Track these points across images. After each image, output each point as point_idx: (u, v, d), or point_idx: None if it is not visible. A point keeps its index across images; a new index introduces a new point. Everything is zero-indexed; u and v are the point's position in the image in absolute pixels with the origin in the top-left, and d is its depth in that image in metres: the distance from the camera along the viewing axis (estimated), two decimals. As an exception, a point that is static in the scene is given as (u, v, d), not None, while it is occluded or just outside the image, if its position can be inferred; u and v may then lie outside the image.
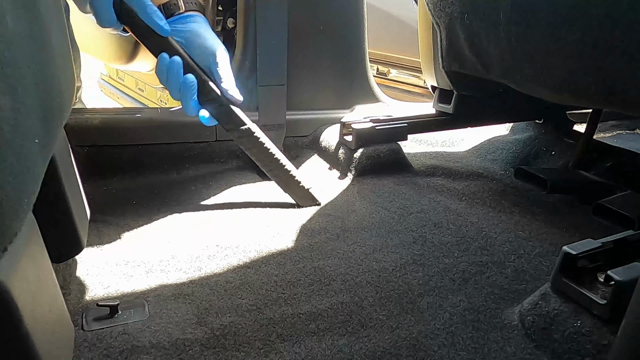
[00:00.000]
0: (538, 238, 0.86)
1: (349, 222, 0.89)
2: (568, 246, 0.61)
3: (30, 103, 0.41)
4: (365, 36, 1.31)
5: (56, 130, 0.52)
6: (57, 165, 0.58)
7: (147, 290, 0.69)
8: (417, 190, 1.04)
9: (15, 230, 0.37)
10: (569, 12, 0.66)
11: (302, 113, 1.26)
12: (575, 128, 1.29)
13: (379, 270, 0.75)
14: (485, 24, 0.81)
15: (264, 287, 0.71)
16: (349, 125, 1.14)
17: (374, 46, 1.85)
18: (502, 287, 0.72)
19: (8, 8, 0.38)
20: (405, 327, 0.64)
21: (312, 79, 1.26)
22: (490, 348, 0.61)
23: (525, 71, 0.79)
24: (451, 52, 0.97)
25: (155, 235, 0.83)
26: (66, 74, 0.58)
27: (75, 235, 0.64)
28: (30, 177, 0.40)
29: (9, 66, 0.37)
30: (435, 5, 0.94)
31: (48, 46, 0.49)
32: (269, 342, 0.60)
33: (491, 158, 1.25)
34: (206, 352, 0.58)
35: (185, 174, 1.10)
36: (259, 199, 0.99)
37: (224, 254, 0.79)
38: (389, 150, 1.14)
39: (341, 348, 0.60)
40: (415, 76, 2.41)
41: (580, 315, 0.59)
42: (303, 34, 1.21)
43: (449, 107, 1.18)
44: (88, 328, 0.61)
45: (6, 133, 0.35)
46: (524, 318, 0.64)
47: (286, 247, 0.81)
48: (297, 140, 1.25)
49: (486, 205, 0.99)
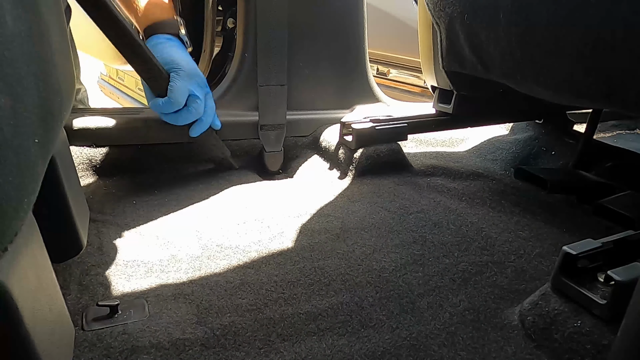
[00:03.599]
0: (538, 238, 0.86)
1: (349, 222, 0.89)
2: (568, 246, 0.61)
3: (30, 103, 0.41)
4: (365, 36, 1.31)
5: (56, 130, 0.52)
6: (57, 165, 0.58)
7: (147, 290, 0.69)
8: (417, 190, 1.04)
9: (15, 230, 0.37)
10: (569, 12, 0.66)
11: (302, 113, 1.26)
12: (575, 128, 1.29)
13: (379, 270, 0.75)
14: (485, 24, 0.81)
15: (264, 287, 0.71)
16: (349, 125, 1.14)
17: (374, 46, 1.85)
18: (502, 287, 0.72)
19: (8, 8, 0.38)
20: (405, 327, 0.64)
21: (312, 79, 1.26)
22: (490, 348, 0.61)
23: (525, 71, 0.79)
24: (451, 52, 0.97)
25: (155, 235, 0.83)
26: (66, 74, 0.58)
27: (75, 235, 0.64)
28: (30, 177, 0.40)
29: (9, 66, 0.37)
30: (435, 5, 0.94)
31: (48, 46, 0.49)
32: (269, 342, 0.60)
33: (491, 158, 1.25)
34: (206, 352, 0.58)
35: (185, 174, 1.10)
36: (259, 199, 0.99)
37: (224, 254, 0.79)
38: (389, 150, 1.14)
39: (341, 348, 0.60)
40: (415, 76, 2.41)
41: (580, 315, 0.59)
42: (303, 34, 1.21)
43: (449, 107, 1.18)
44: (88, 328, 0.61)
45: (6, 133, 0.35)
46: (524, 318, 0.64)
47: (286, 247, 0.81)
48: (297, 140, 1.25)
49: (486, 205, 0.99)
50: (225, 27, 1.30)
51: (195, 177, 1.08)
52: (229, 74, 1.22)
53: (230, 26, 1.29)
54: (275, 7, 1.12)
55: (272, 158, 1.19)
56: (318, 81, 1.27)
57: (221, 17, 1.29)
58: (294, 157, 1.22)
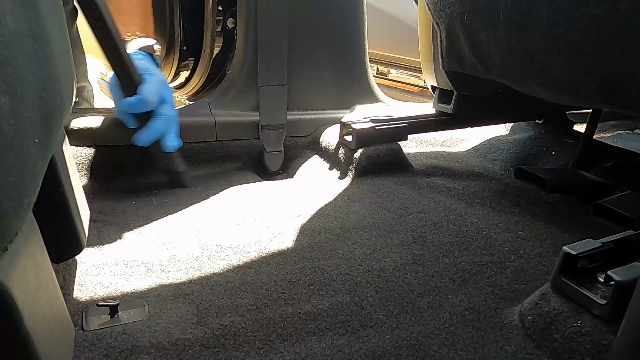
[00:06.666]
0: (538, 238, 0.86)
1: (349, 222, 0.89)
2: (568, 246, 0.61)
3: (30, 103, 0.41)
4: (365, 36, 1.31)
5: (56, 130, 0.52)
6: (57, 165, 0.58)
7: (147, 290, 0.69)
8: (417, 190, 1.04)
9: (15, 230, 0.37)
10: (569, 12, 0.66)
11: (302, 113, 1.26)
12: (575, 128, 1.29)
13: (379, 270, 0.75)
14: (485, 24, 0.81)
15: (264, 287, 0.71)
16: (349, 125, 1.14)
17: (374, 46, 1.85)
18: (502, 287, 0.72)
19: (8, 8, 0.38)
20: (405, 327, 0.64)
21: (312, 79, 1.26)
22: (490, 348, 0.61)
23: (525, 71, 0.79)
24: (451, 52, 0.97)
25: (155, 235, 0.83)
26: (66, 74, 0.58)
27: (75, 235, 0.64)
28: (30, 177, 0.40)
29: (9, 66, 0.37)
30: (435, 5, 0.94)
31: (48, 46, 0.49)
32: (269, 342, 0.60)
33: (491, 158, 1.25)
34: (206, 352, 0.58)
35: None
36: (259, 199, 0.99)
37: (224, 254, 0.79)
38: (389, 150, 1.14)
39: (341, 348, 0.60)
40: (415, 76, 2.41)
41: (580, 315, 0.59)
42: (303, 34, 1.21)
43: (449, 107, 1.18)
44: (88, 328, 0.61)
45: (6, 133, 0.35)
46: (524, 318, 0.64)
47: (286, 247, 0.81)
48: (297, 140, 1.25)
49: (486, 205, 0.99)
50: (225, 27, 1.30)
51: (195, 177, 1.08)
52: (229, 74, 1.22)
53: (230, 26, 1.29)
54: (275, 7, 1.12)
55: (272, 158, 1.19)
56: (318, 81, 1.27)
57: (221, 17, 1.29)
58: (294, 157, 1.22)
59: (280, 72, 1.17)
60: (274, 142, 1.19)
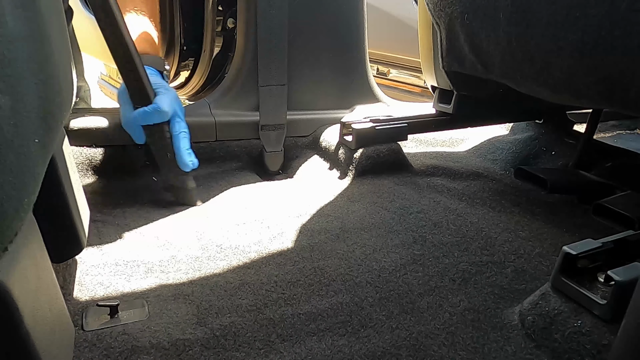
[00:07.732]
0: (538, 238, 0.86)
1: (348, 222, 0.89)
2: (568, 246, 0.61)
3: (30, 103, 0.41)
4: (365, 36, 1.31)
5: (56, 130, 0.52)
6: (57, 165, 0.58)
7: (147, 290, 0.69)
8: (417, 190, 1.04)
9: (15, 230, 0.37)
10: (569, 12, 0.66)
11: (302, 113, 1.26)
12: (575, 128, 1.29)
13: (379, 270, 0.75)
14: (485, 24, 0.81)
15: (264, 287, 0.71)
16: (349, 125, 1.14)
17: (374, 46, 1.85)
18: (502, 287, 0.72)
19: (8, 8, 0.38)
20: (405, 327, 0.64)
21: (312, 79, 1.26)
22: (490, 348, 0.61)
23: (525, 71, 0.79)
24: (451, 52, 0.97)
25: (155, 236, 0.83)
26: (66, 73, 0.58)
27: (75, 235, 0.64)
28: (30, 177, 0.40)
29: (9, 66, 0.37)
30: (435, 5, 0.94)
31: (48, 46, 0.49)
32: (269, 342, 0.60)
33: (491, 158, 1.25)
34: (206, 353, 0.58)
35: (185, 174, 1.10)
36: (259, 199, 0.99)
37: (224, 254, 0.79)
38: (389, 150, 1.14)
39: (341, 348, 0.60)
40: (415, 76, 2.41)
41: (580, 315, 0.58)
42: (303, 34, 1.21)
43: (449, 107, 1.18)
44: (88, 328, 0.61)
45: (6, 133, 0.35)
46: (524, 318, 0.64)
47: (286, 247, 0.81)
48: (297, 140, 1.25)
49: (486, 205, 0.99)
50: (225, 27, 1.30)
51: (195, 177, 1.08)
52: (229, 74, 1.22)
53: (230, 26, 1.29)
54: (275, 7, 1.12)
55: (272, 158, 1.19)
56: (318, 81, 1.27)
57: (221, 17, 1.29)
58: (294, 157, 1.22)
59: (280, 72, 1.17)
60: (274, 142, 1.19)
